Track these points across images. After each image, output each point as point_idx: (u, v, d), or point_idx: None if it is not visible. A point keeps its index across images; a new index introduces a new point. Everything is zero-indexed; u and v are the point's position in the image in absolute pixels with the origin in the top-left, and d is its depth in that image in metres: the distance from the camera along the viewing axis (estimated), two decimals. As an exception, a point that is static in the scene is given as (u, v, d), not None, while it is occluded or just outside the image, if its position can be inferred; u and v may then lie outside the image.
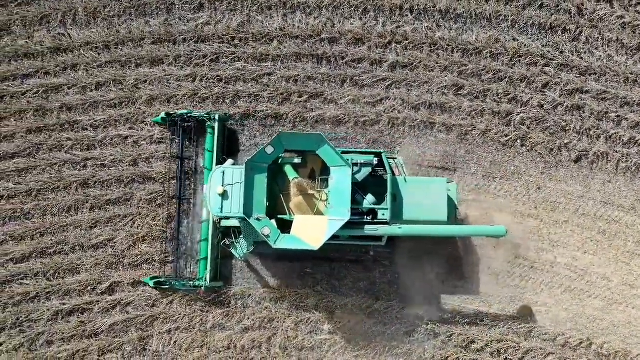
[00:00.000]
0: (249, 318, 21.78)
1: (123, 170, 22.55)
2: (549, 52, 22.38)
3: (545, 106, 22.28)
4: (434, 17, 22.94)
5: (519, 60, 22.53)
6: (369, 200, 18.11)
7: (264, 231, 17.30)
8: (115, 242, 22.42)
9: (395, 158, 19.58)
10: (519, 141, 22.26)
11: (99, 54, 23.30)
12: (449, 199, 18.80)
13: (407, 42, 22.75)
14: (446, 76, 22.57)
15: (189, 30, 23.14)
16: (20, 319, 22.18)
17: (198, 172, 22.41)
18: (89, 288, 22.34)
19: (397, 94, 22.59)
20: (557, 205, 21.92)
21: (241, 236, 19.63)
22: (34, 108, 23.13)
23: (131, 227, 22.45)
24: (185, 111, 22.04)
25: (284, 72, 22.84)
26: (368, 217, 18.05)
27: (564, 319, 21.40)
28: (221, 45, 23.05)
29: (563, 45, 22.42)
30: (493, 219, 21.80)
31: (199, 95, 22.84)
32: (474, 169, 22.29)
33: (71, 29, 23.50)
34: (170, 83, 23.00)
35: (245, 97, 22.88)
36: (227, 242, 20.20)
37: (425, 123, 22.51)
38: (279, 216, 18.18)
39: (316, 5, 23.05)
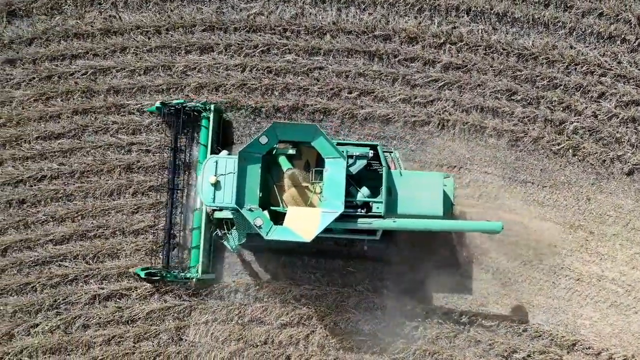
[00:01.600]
0: (288, 314, 19.49)
1: (167, 157, 19.86)
2: (606, 61, 19.88)
3: (599, 116, 19.82)
4: (491, 19, 20.39)
5: (575, 69, 20.06)
6: (363, 193, 16.31)
7: (257, 222, 15.53)
8: (156, 230, 20.01)
9: (391, 151, 17.84)
10: (570, 151, 19.78)
11: (148, 38, 20.86)
12: (445, 194, 17.01)
13: (461, 43, 20.29)
14: (500, 80, 20.10)
15: (241, 19, 20.63)
16: (58, 300, 19.94)
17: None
18: (128, 274, 19.73)
19: (448, 96, 20.14)
20: (606, 218, 19.54)
21: (234, 228, 17.66)
22: (81, 89, 20.75)
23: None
24: (180, 100, 19.80)
25: (335, 67, 20.42)
26: (362, 211, 16.20)
27: (608, 334, 19.03)
28: (273, 36, 20.59)
29: (621, 56, 19.92)
30: (540, 228, 19.23)
31: (248, 85, 20.41)
32: (523, 176, 19.63)
33: (122, 12, 21.10)
34: (219, 71, 20.59)
35: (295, 90, 20.48)
36: (220, 234, 18.19)
37: (475, 127, 20.08)
38: (271, 207, 16.51)
39: (371, 1, 20.59)
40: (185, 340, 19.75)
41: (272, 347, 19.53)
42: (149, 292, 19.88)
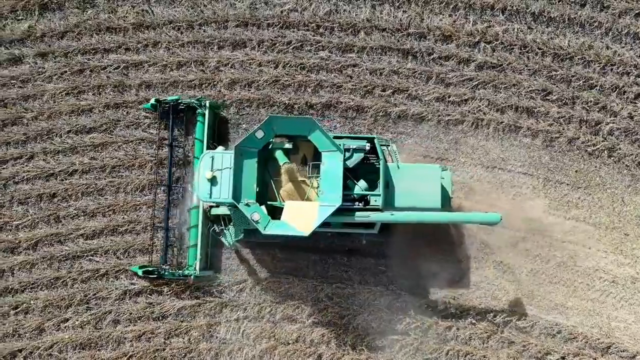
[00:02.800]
0: (319, 312, 17.86)
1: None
2: (643, 62, 18.09)
3: (635, 118, 18.36)
4: (526, 19, 18.81)
5: (611, 69, 18.51)
6: (361, 186, 15.07)
7: (254, 217, 14.35)
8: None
9: (388, 144, 16.42)
10: (606, 152, 18.26)
11: (181, 33, 19.25)
12: (443, 187, 15.68)
13: (497, 42, 18.66)
14: (535, 80, 18.52)
15: (275, 15, 19.03)
16: (88, 295, 18.44)
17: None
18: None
19: (483, 95, 18.51)
20: (642, 220, 17.79)
21: (231, 224, 16.40)
22: (113, 83, 19.16)
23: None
24: (175, 97, 18.24)
25: (368, 64, 18.81)
26: (360, 204, 14.89)
27: (643, 337, 17.34)
28: (306, 32, 19.02)
29: (658, 57, 18.10)
30: (574, 229, 17.71)
31: (281, 82, 18.88)
32: (558, 176, 18.03)
33: (155, 6, 19.53)
34: (251, 67, 18.91)
35: (328, 87, 18.90)
36: (217, 230, 16.81)
37: (510, 126, 18.50)
38: (268, 202, 15.19)
39: None
40: (216, 337, 18.27)
41: (303, 345, 18.02)
42: (180, 288, 18.29)
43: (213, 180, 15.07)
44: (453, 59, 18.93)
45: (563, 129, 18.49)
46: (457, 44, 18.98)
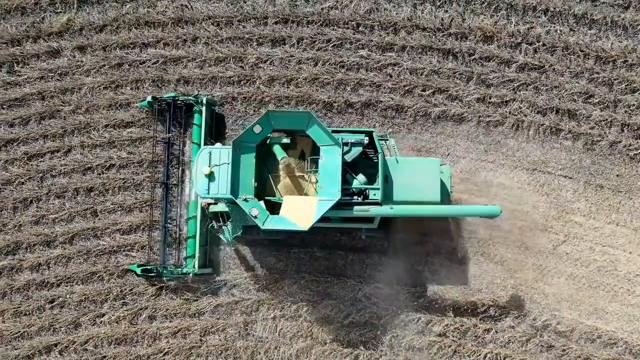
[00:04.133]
0: (357, 312, 16.28)
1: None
2: (687, 66, 16.49)
3: (678, 122, 16.43)
4: (568, 21, 17.21)
5: (655, 73, 16.58)
6: (360, 180, 13.93)
7: (252, 212, 13.26)
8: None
9: (387, 139, 15.20)
10: (648, 156, 16.45)
11: (220, 29, 17.64)
12: (442, 181, 14.57)
13: (539, 44, 17.00)
14: (577, 82, 16.92)
15: (315, 12, 17.44)
16: (124, 291, 16.93)
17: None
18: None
19: (524, 96, 16.83)
20: (683, 226, 16.23)
21: (230, 220, 15.08)
22: (151, 78, 17.45)
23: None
24: (172, 94, 16.85)
25: (409, 63, 17.15)
26: (359, 198, 13.77)
27: (684, 343, 15.81)
28: (346, 31, 17.37)
29: (703, 61, 16.50)
30: (614, 234, 16.24)
31: (320, 80, 17.29)
32: (599, 180, 16.45)
33: (194, 1, 17.94)
34: (290, 64, 17.24)
35: (367, 85, 17.29)
36: (215, 226, 15.44)
37: (551, 129, 16.93)
38: (266, 197, 14.05)
39: None
40: (253, 335, 16.80)
41: (340, 345, 16.53)
42: (216, 285, 16.71)
43: (211, 176, 13.98)
44: (494, 60, 17.35)
45: (604, 133, 16.96)
46: (498, 44, 17.42)
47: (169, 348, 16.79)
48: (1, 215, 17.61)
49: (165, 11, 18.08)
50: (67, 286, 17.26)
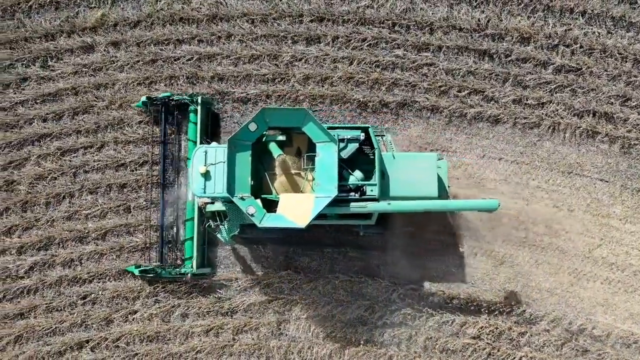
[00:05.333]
0: (391, 314, 14.99)
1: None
2: None
3: None
4: (606, 23, 15.83)
5: (693, 77, 15.29)
6: (356, 176, 13.03)
7: (249, 210, 12.35)
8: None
9: (384, 135, 14.34)
10: (685, 160, 15.22)
11: (255, 26, 16.20)
12: (439, 177, 13.63)
13: (576, 46, 15.65)
14: (614, 85, 15.63)
15: (350, 11, 16.09)
16: (157, 288, 15.50)
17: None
18: (231, 265, 15.45)
19: (560, 99, 15.53)
20: None
21: (227, 219, 14.09)
22: (185, 75, 16.09)
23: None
24: (167, 94, 15.68)
25: (445, 64, 15.78)
26: (356, 195, 12.87)
27: None
28: (382, 30, 15.99)
29: None
30: (648, 237, 15.05)
31: (355, 79, 15.98)
32: (636, 184, 15.19)
33: (229, -2, 16.37)
34: (325, 63, 15.92)
35: (402, 85, 15.96)
36: (212, 226, 14.31)
37: (587, 131, 15.64)
38: (262, 196, 13.10)
39: None
40: (286, 334, 15.57)
41: (373, 346, 15.34)
42: (250, 284, 15.47)
43: (207, 175, 12.97)
44: (531, 61, 16.09)
45: (642, 136, 15.60)
46: (535, 46, 16.13)
47: (202, 346, 15.61)
48: (34, 210, 16.38)
49: (200, 8, 16.78)
50: (99, 282, 16.08)
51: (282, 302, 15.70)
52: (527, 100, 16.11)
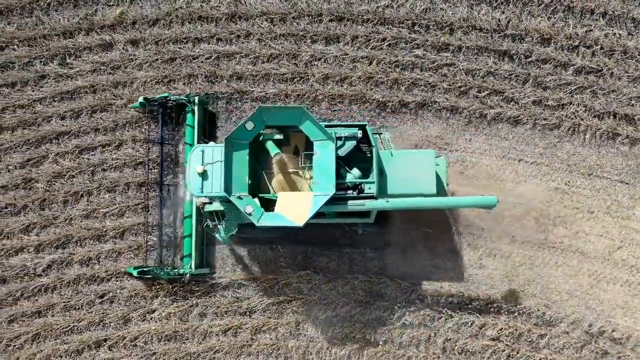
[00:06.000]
0: (410, 314, 14.44)
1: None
2: None
3: None
4: (627, 24, 15.15)
5: None
6: (354, 174, 12.61)
7: (247, 209, 11.93)
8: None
9: (381, 132, 13.94)
10: None
11: (274, 25, 15.52)
12: (438, 173, 13.11)
13: (596, 47, 14.91)
14: (635, 87, 15.06)
15: (370, 11, 15.45)
16: (175, 287, 14.81)
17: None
18: (250, 265, 14.82)
19: (580, 100, 14.84)
20: None
21: (225, 219, 13.55)
22: (204, 73, 15.46)
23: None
24: (164, 95, 15.12)
25: (465, 64, 15.09)
26: (354, 193, 12.41)
27: None
28: (401, 30, 15.28)
29: None
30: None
31: (375, 79, 15.39)
32: (656, 186, 14.67)
33: (248, -3, 15.71)
34: (344, 63, 15.25)
35: (422, 85, 15.28)
36: (210, 225, 13.80)
37: (608, 133, 14.95)
38: (260, 195, 12.66)
39: None
40: (305, 335, 14.94)
41: (392, 347, 14.76)
42: (268, 284, 14.83)
43: (204, 175, 12.54)
44: (551, 62, 15.45)
45: (663, 138, 14.96)
46: (555, 47, 15.42)
47: (220, 346, 15.02)
48: (52, 208, 15.76)
49: (219, 6, 16.13)
50: (117, 281, 15.47)
51: (300, 302, 15.10)
52: (547, 102, 15.49)
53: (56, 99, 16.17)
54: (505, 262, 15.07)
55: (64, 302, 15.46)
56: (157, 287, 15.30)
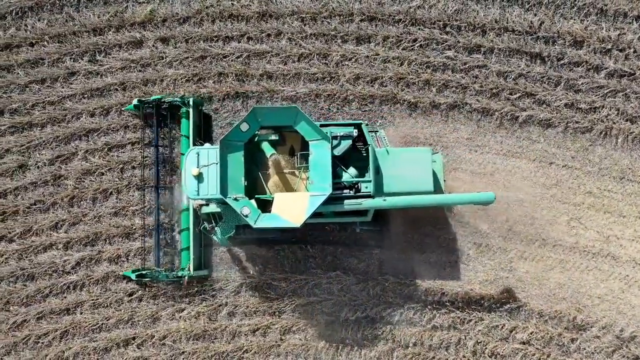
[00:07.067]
0: (440, 316, 13.54)
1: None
2: None
3: None
4: (660, 28, 14.07)
5: None
6: (351, 173, 11.96)
7: (244, 211, 11.25)
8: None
9: (377, 131, 13.07)
10: None
11: (305, 25, 14.57)
12: (435, 171, 12.45)
13: (629, 50, 13.98)
14: (668, 91, 13.85)
15: (401, 11, 14.50)
16: (205, 286, 13.85)
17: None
18: (279, 265, 13.94)
19: (613, 104, 13.89)
20: None
21: (222, 221, 12.84)
22: (234, 72, 14.43)
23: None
24: (158, 97, 14.20)
25: (496, 66, 14.09)
26: (351, 192, 11.78)
27: None
28: (433, 30, 14.28)
29: None
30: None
31: (406, 79, 14.31)
32: (689, 191, 13.77)
33: (279, -4, 14.74)
34: (375, 63, 14.30)
35: (453, 87, 14.30)
36: (207, 227, 13.05)
37: (640, 137, 13.90)
38: (256, 196, 11.86)
39: (537, 1, 14.18)
40: (334, 336, 14.06)
41: (422, 349, 13.85)
42: (298, 284, 13.92)
43: (200, 177, 11.79)
44: (583, 65, 14.52)
45: (696, 143, 14.03)
46: (588, 50, 14.44)
47: (249, 346, 14.12)
48: (81, 205, 14.83)
49: (250, 5, 15.18)
50: (144, 279, 14.43)
51: (331, 303, 14.19)
52: (579, 105, 14.57)
53: (86, 95, 15.25)
54: (536, 266, 14.19)
55: (92, 300, 14.59)
56: (184, 292, 14.38)
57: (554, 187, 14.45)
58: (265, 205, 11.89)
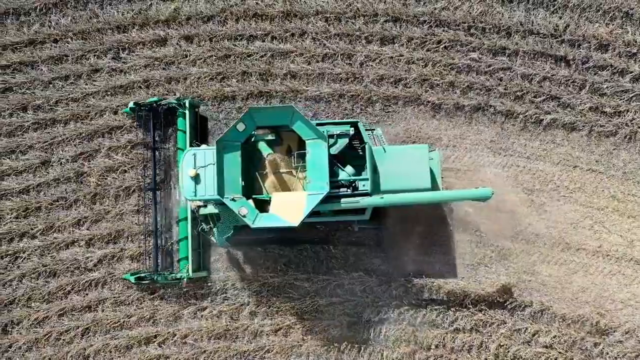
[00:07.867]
0: (463, 319, 12.91)
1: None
2: None
3: None
4: (686, 32, 13.42)
5: None
6: (348, 171, 11.54)
7: (241, 211, 10.85)
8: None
9: (374, 129, 12.70)
10: None
11: (329, 25, 13.90)
12: (432, 168, 11.97)
13: (655, 55, 13.29)
14: (693, 96, 13.21)
15: (426, 12, 13.83)
16: (226, 285, 13.21)
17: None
18: (301, 265, 13.31)
19: (637, 108, 13.33)
20: None
21: (220, 221, 12.37)
22: (258, 71, 13.78)
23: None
24: (154, 99, 13.64)
25: (521, 69, 13.42)
26: (348, 190, 11.34)
27: None
28: (458, 32, 13.62)
29: None
30: None
31: (430, 81, 13.63)
32: None
33: (304, -5, 14.08)
34: (400, 64, 13.65)
35: (477, 89, 13.64)
36: (205, 229, 12.62)
37: (664, 142, 13.25)
38: (254, 196, 11.50)
39: (562, 4, 13.48)
40: (356, 337, 13.53)
41: (444, 351, 13.25)
42: (321, 285, 13.31)
43: (197, 178, 11.36)
44: (608, 69, 13.90)
45: None
46: (613, 53, 13.80)
47: (270, 346, 13.51)
48: (103, 202, 14.19)
49: (274, 4, 14.52)
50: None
51: (353, 304, 13.61)
52: (603, 108, 13.96)
53: (109, 93, 14.64)
54: (559, 269, 13.58)
55: (114, 297, 14.00)
56: (206, 291, 13.77)
57: (578, 190, 13.83)
58: (262, 205, 11.42)
